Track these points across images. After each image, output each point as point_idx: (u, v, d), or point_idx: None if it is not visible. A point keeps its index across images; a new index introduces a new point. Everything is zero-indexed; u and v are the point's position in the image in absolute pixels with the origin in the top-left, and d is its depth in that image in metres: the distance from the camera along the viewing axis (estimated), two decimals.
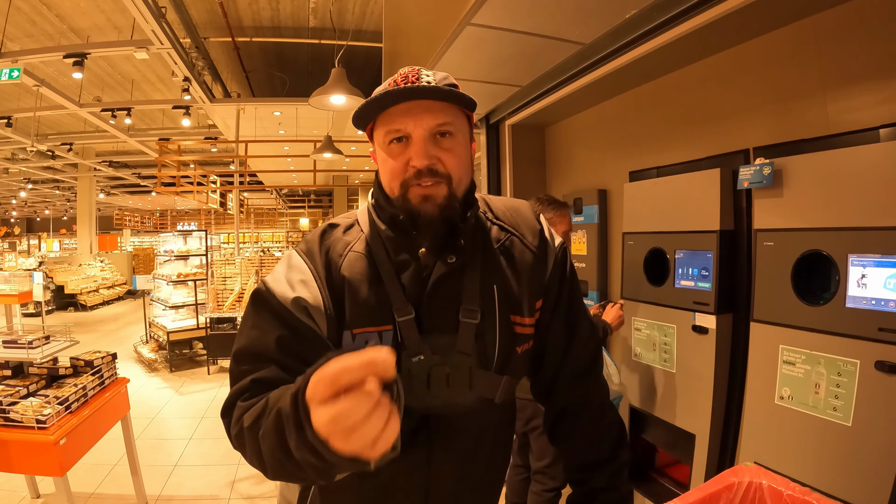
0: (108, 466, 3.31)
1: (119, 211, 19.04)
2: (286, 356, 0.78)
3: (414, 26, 3.17)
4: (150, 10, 4.57)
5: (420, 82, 0.80)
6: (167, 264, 6.86)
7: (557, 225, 2.12)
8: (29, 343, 2.63)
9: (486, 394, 0.87)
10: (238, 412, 0.73)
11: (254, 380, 0.76)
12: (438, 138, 0.81)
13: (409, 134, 0.80)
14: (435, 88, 0.78)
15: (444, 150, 0.81)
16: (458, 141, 0.83)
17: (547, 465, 2.12)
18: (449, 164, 0.81)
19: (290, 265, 0.86)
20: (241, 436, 0.70)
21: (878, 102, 1.68)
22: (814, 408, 1.68)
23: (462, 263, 0.86)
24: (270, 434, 0.62)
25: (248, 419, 0.69)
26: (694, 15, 1.86)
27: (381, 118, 0.82)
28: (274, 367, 0.77)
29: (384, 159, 0.84)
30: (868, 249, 1.55)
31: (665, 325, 2.35)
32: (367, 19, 6.39)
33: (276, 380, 0.74)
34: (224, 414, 0.78)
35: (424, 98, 0.79)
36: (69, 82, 7.22)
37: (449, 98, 0.80)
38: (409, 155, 0.80)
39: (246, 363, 0.79)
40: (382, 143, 0.83)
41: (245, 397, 0.74)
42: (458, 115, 0.84)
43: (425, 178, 0.79)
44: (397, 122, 0.80)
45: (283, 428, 0.59)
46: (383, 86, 0.83)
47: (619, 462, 0.95)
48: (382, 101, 0.78)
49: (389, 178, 0.83)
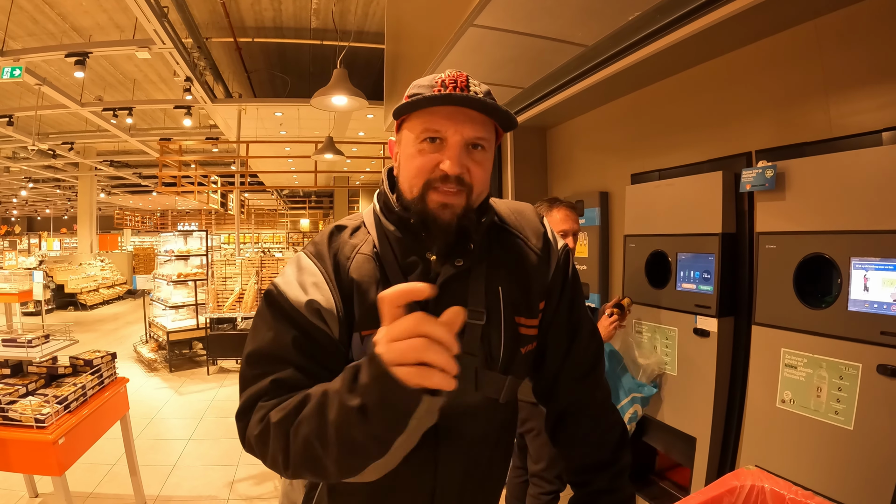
0: (106, 466, 3.30)
1: (120, 210, 19.07)
2: (303, 358, 0.78)
3: (416, 27, 3.18)
4: (153, 10, 4.57)
5: (469, 90, 0.80)
6: (167, 264, 6.85)
7: (570, 221, 2.08)
8: (28, 342, 2.63)
9: (492, 394, 0.87)
10: (261, 412, 0.74)
11: (274, 380, 0.76)
12: (471, 149, 0.81)
13: (446, 137, 0.80)
14: (487, 102, 0.78)
15: (475, 161, 0.81)
16: (487, 156, 0.84)
17: (544, 468, 2.11)
18: (475, 175, 0.82)
19: (301, 268, 0.86)
20: (265, 434, 0.72)
21: (881, 106, 1.68)
22: (815, 411, 1.68)
23: (468, 266, 0.86)
24: (309, 419, 0.66)
25: (277, 415, 0.70)
26: (697, 18, 1.86)
27: (422, 114, 0.82)
28: (292, 369, 0.77)
29: (412, 155, 0.83)
30: (870, 253, 1.54)
31: (666, 328, 2.34)
32: (370, 20, 6.39)
33: (296, 381, 0.76)
34: (240, 417, 0.78)
35: (474, 108, 0.79)
36: (71, 81, 7.23)
37: (495, 114, 0.81)
38: (441, 158, 0.80)
39: (260, 366, 0.79)
40: (415, 139, 0.82)
41: (266, 398, 0.75)
42: (491, 131, 0.84)
43: (450, 185, 0.79)
44: (438, 123, 0.80)
45: (325, 407, 0.64)
46: (429, 80, 0.83)
47: (620, 464, 0.95)
48: (435, 100, 0.78)
49: (413, 174, 0.82)
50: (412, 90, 0.83)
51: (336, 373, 0.80)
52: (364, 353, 0.83)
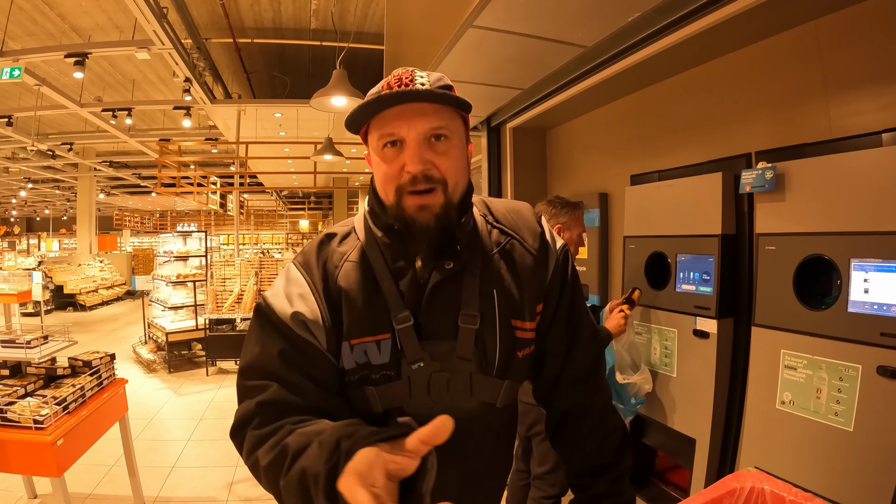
0: (105, 467, 3.30)
1: (119, 211, 19.08)
2: (289, 371, 0.78)
3: (416, 28, 3.18)
4: (152, 11, 4.58)
5: (414, 85, 0.78)
6: (166, 265, 6.85)
7: (573, 229, 2.10)
8: (27, 343, 2.62)
9: (488, 399, 0.87)
10: (251, 442, 0.75)
11: (259, 403, 0.77)
12: (433, 142, 0.79)
13: (402, 138, 0.78)
14: (427, 92, 0.76)
15: (439, 153, 0.80)
16: (454, 144, 0.82)
17: (547, 471, 2.10)
18: (444, 168, 0.80)
19: (289, 279, 0.86)
20: (257, 469, 0.73)
21: (881, 107, 1.67)
22: (815, 413, 1.68)
23: (460, 268, 0.85)
24: (295, 490, 0.65)
25: (265, 457, 0.71)
26: (697, 18, 1.86)
27: (375, 122, 0.81)
28: (276, 386, 0.77)
29: (378, 164, 0.82)
30: (870, 254, 1.54)
31: (666, 330, 2.34)
32: (369, 21, 6.40)
33: (280, 402, 0.76)
34: (234, 435, 0.80)
35: (417, 101, 0.77)
36: (70, 82, 7.22)
37: (442, 101, 0.79)
38: (404, 160, 0.79)
39: (251, 378, 0.80)
40: (376, 148, 0.82)
41: (255, 424, 0.76)
42: (452, 118, 0.82)
43: (420, 184, 0.78)
44: (390, 126, 0.78)
45: (308, 489, 0.62)
46: (377, 88, 0.82)
47: (621, 468, 0.95)
48: (375, 105, 0.77)
49: (384, 182, 0.82)
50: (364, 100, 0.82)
51: (325, 385, 0.81)
52: (354, 362, 0.83)
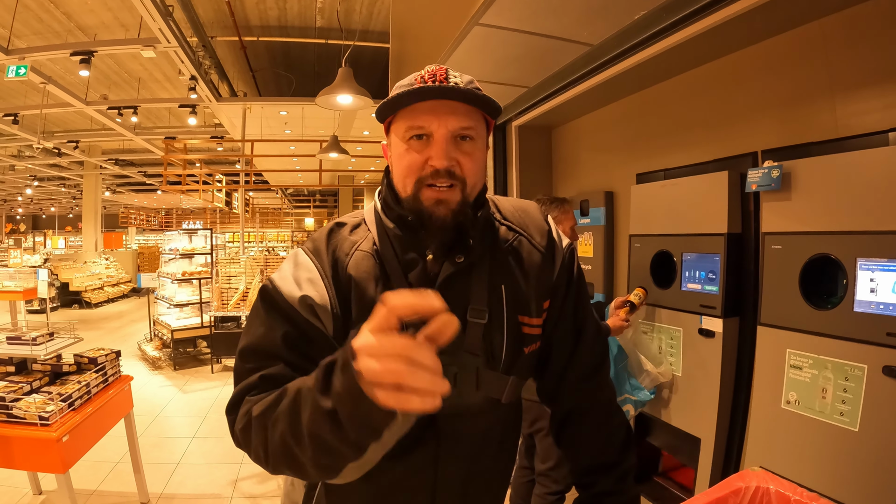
0: (110, 464, 3.32)
1: (124, 209, 19.13)
2: (293, 354, 0.78)
3: (421, 26, 3.17)
4: (158, 9, 4.59)
5: (448, 82, 0.79)
6: (172, 262, 6.88)
7: (563, 223, 2.13)
8: (33, 339, 2.64)
9: (493, 394, 0.87)
10: (246, 406, 0.73)
11: (263, 376, 0.76)
12: (459, 141, 0.80)
13: (431, 132, 0.79)
14: (465, 91, 0.77)
15: (464, 153, 0.81)
16: (478, 146, 0.83)
17: (551, 467, 2.11)
18: (466, 168, 0.81)
19: (297, 263, 0.86)
20: (248, 427, 0.71)
21: (887, 106, 1.66)
22: (821, 413, 1.67)
23: (470, 263, 0.85)
24: (284, 415, 0.64)
25: (258, 409, 0.70)
26: (703, 17, 1.85)
27: (404, 113, 0.81)
28: (282, 364, 0.77)
29: (401, 154, 0.83)
30: (877, 254, 1.53)
31: (671, 328, 2.33)
32: (375, 19, 6.39)
33: (285, 377, 0.75)
34: (230, 410, 0.78)
35: (454, 99, 0.78)
36: (76, 80, 7.25)
37: (476, 102, 0.80)
38: (429, 154, 0.79)
39: (252, 361, 0.79)
40: (402, 138, 0.82)
41: (254, 393, 0.75)
42: (479, 121, 0.83)
43: (442, 179, 0.79)
44: (421, 119, 0.79)
45: (298, 405, 0.62)
46: (409, 79, 0.82)
47: (625, 465, 0.94)
48: (411, 96, 0.78)
49: (405, 173, 0.82)
50: (394, 91, 0.82)
51: None
52: None
